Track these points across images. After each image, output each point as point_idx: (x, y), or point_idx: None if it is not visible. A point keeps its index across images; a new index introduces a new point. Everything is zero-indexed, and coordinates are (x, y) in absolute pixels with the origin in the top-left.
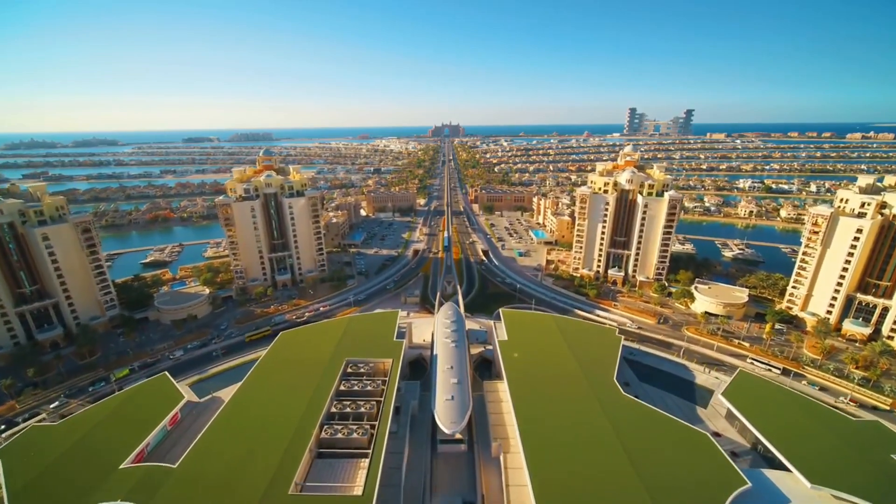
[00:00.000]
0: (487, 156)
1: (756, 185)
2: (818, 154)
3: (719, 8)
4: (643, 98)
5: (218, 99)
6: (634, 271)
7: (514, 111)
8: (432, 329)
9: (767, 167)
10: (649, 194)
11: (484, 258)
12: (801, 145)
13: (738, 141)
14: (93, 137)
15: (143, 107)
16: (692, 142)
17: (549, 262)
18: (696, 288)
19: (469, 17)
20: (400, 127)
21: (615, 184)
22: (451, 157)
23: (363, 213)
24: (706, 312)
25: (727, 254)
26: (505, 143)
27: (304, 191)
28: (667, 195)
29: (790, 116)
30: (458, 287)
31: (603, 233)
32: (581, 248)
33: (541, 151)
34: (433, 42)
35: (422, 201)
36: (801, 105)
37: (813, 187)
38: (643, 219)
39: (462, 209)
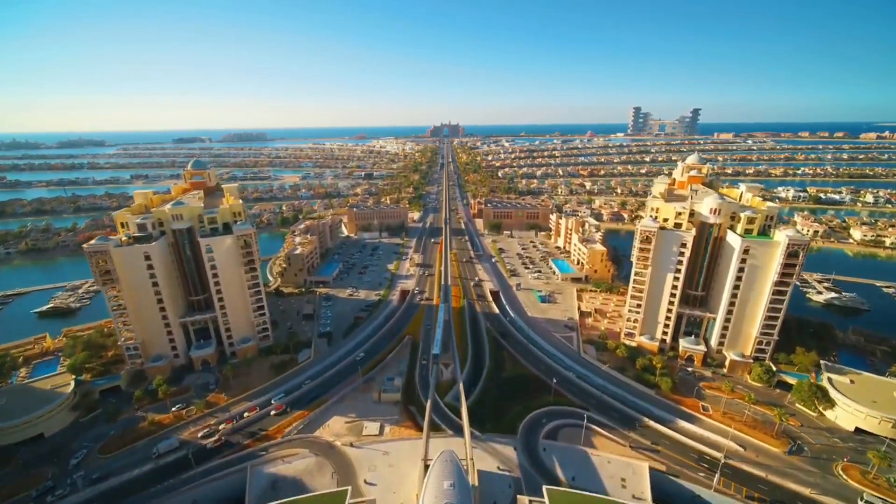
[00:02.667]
0: (489, 158)
1: (799, 193)
2: (844, 157)
3: (719, 8)
4: (644, 98)
5: (218, 99)
6: (721, 344)
7: (514, 111)
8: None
9: (799, 172)
10: (748, 232)
11: (494, 304)
12: (820, 146)
13: (750, 141)
14: (79, 138)
15: (144, 107)
16: (702, 142)
17: (583, 312)
18: (828, 380)
19: (469, 17)
20: (399, 127)
21: (691, 214)
22: (450, 160)
23: (344, 231)
24: (859, 430)
25: (816, 298)
26: (506, 144)
27: (237, 223)
28: (782, 236)
29: (790, 116)
30: (459, 369)
31: (675, 286)
32: (640, 305)
33: (545, 153)
34: (433, 42)
35: (416, 216)
36: (800, 105)
37: (869, 197)
38: (741, 269)
39: (463, 226)
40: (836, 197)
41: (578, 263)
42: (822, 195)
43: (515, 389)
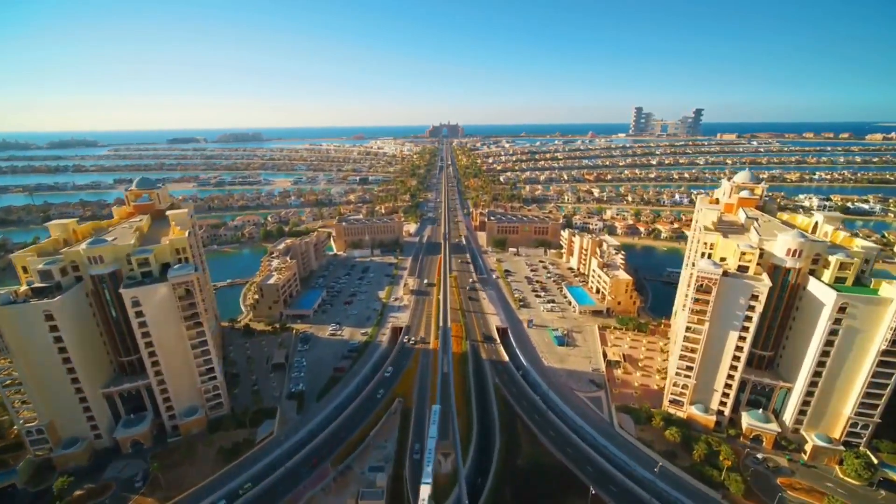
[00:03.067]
0: (490, 160)
1: (824, 203)
2: (857, 160)
3: (718, 8)
4: (644, 97)
5: (218, 99)
6: (798, 423)
7: (513, 111)
8: None
9: (815, 177)
10: (839, 280)
11: (501, 347)
12: (829, 148)
13: (755, 142)
14: (71, 138)
15: (144, 107)
16: (706, 143)
17: (610, 363)
18: None
19: (469, 17)
20: (397, 126)
21: (762, 254)
22: (449, 162)
23: (333, 249)
24: None
25: None
26: (507, 145)
27: (180, 264)
28: (893, 291)
29: (790, 116)
30: (462, 459)
31: (740, 347)
32: (691, 368)
33: (548, 155)
34: (433, 42)
35: (412, 228)
36: (800, 105)
37: None
38: (833, 331)
39: (464, 240)
40: (865, 206)
41: (598, 292)
42: (849, 204)
43: (536, 488)
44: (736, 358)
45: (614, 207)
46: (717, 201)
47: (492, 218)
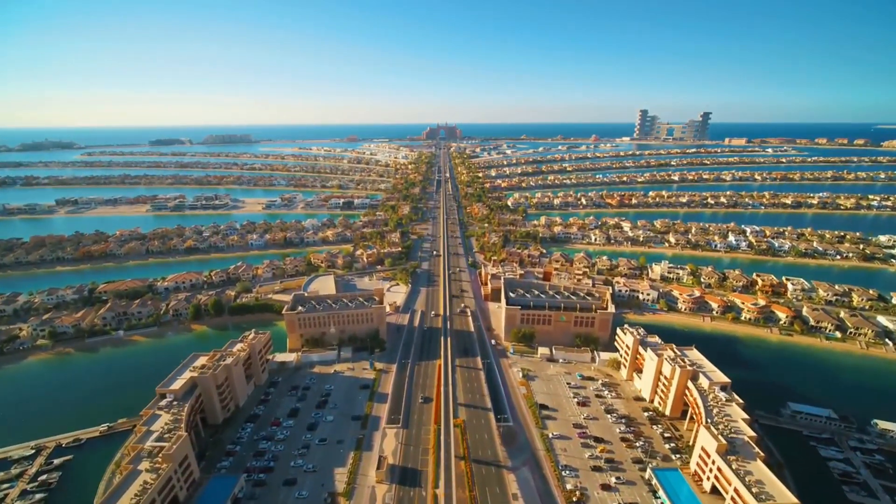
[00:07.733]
0: (492, 174)
1: None
2: None
3: (717, 9)
4: (645, 95)
5: (213, 95)
6: None
7: (512, 109)
8: None
9: (875, 204)
10: None
11: None
12: (855, 158)
13: (770, 149)
14: (45, 139)
15: (135, 102)
16: (719, 151)
17: None
18: None
19: (469, 16)
20: (393, 125)
21: None
22: (448, 175)
23: (287, 351)
24: None
25: None
26: (508, 151)
27: None
28: None
29: (792, 117)
30: None
31: None
32: None
33: (555, 166)
34: (432, 40)
35: (400, 297)
36: (802, 104)
37: None
38: None
39: (470, 320)
40: None
41: (714, 491)
42: None
43: None
44: None
45: (661, 257)
46: None
47: (511, 295)
